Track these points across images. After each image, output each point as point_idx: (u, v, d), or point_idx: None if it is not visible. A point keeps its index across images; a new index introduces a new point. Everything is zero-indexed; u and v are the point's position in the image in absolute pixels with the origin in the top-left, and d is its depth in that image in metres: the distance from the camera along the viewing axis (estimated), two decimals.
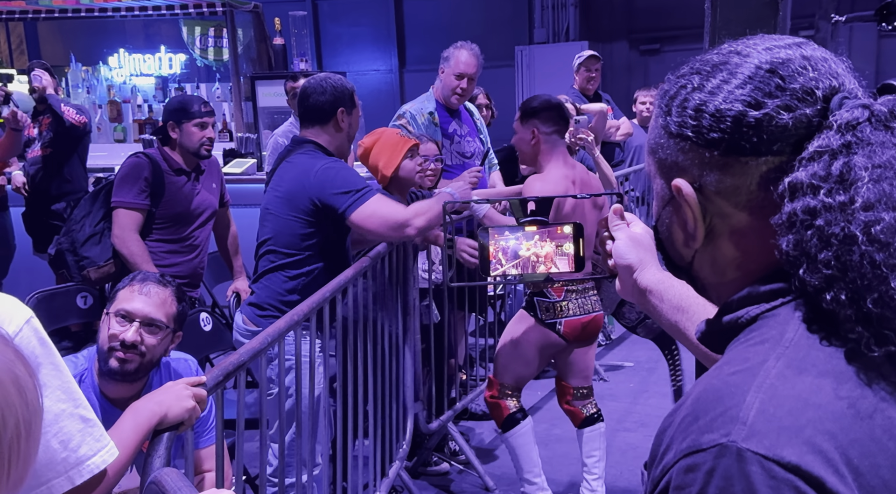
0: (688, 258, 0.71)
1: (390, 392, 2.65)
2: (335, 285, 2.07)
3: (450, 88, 3.42)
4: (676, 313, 0.95)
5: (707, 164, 0.65)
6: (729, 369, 0.60)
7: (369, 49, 9.62)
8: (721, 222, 0.66)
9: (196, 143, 2.99)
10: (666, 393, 3.85)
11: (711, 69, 0.66)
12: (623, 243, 0.99)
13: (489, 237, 1.04)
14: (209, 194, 3.16)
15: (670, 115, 0.67)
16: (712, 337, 0.68)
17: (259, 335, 1.57)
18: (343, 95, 2.37)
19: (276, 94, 5.44)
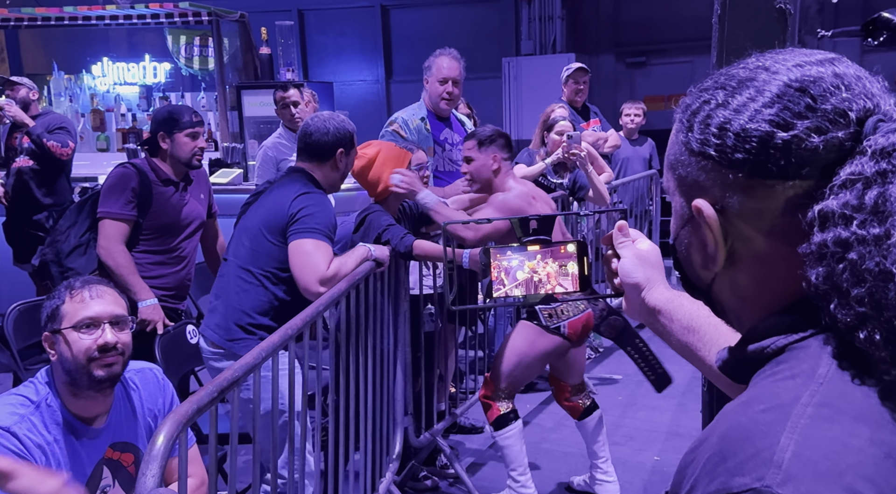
0: (707, 280, 0.68)
1: (380, 406, 2.64)
2: (328, 297, 2.06)
3: (437, 95, 3.45)
4: (687, 333, 0.92)
5: (730, 185, 0.62)
6: (758, 405, 0.57)
7: (356, 59, 9.64)
8: (743, 246, 0.63)
9: (188, 153, 2.98)
10: (655, 406, 3.87)
11: (737, 85, 0.63)
12: (629, 260, 0.96)
13: (491, 258, 1.03)
14: (197, 204, 3.15)
15: (692, 131, 0.65)
16: (735, 366, 0.65)
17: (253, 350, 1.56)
18: (344, 137, 2.46)
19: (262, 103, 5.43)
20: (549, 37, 8.13)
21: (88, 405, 1.66)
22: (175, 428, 1.22)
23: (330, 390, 2.21)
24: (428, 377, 3.13)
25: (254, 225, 2.37)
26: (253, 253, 2.35)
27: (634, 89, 8.16)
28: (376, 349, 2.53)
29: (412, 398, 2.95)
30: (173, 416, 1.24)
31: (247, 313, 2.32)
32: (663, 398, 3.95)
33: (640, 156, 5.56)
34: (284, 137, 4.11)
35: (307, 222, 2.23)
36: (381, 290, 2.61)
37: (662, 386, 2.86)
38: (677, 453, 3.36)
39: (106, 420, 1.70)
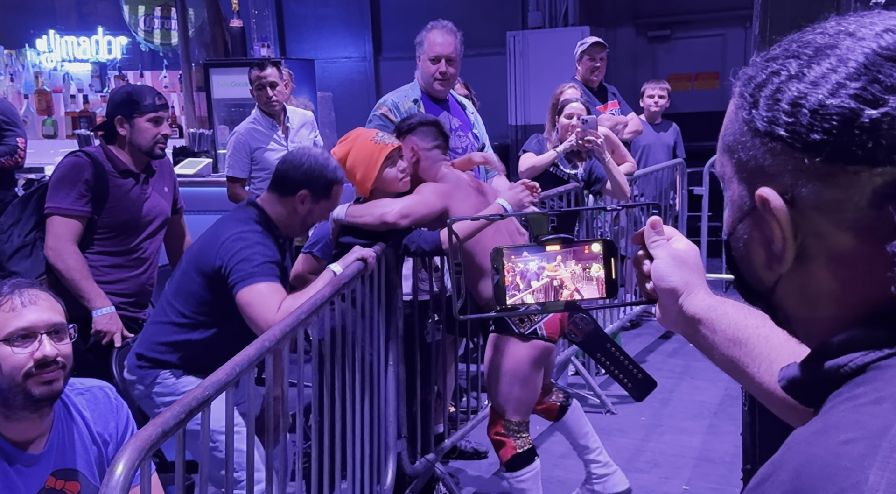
0: (769, 283, 0.66)
1: (370, 428, 2.64)
2: (310, 306, 2.06)
3: (429, 75, 3.44)
4: (732, 346, 0.89)
5: (804, 171, 0.60)
6: (838, 435, 0.54)
7: (340, 34, 9.63)
8: (817, 244, 0.61)
9: (150, 140, 2.96)
10: (683, 428, 3.87)
11: (814, 53, 0.61)
12: (664, 262, 0.94)
13: (504, 259, 1.00)
14: (161, 198, 3.14)
15: (757, 107, 0.62)
16: (804, 387, 0.63)
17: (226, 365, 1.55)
18: (316, 180, 2.45)
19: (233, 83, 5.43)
20: (559, 8, 8.13)
21: (23, 427, 1.63)
22: (137, 456, 1.20)
23: (313, 410, 2.21)
24: (424, 395, 3.12)
25: (188, 256, 2.45)
26: (178, 286, 2.42)
27: (657, 67, 8.17)
28: (365, 364, 2.52)
29: (406, 419, 2.95)
30: (134, 442, 1.23)
31: (157, 342, 2.41)
32: (692, 418, 3.96)
33: (664, 143, 5.55)
34: (260, 123, 4.10)
35: (242, 269, 2.26)
36: (370, 296, 2.61)
37: (644, 393, 3.00)
38: (708, 482, 3.35)
39: (45, 445, 1.68)
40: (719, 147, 0.68)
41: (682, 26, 8.16)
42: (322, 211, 2.50)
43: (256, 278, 2.24)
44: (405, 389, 2.91)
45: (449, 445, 3.32)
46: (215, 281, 2.33)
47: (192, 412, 1.36)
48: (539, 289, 1.01)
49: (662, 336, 5.22)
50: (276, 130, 4.10)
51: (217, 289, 2.33)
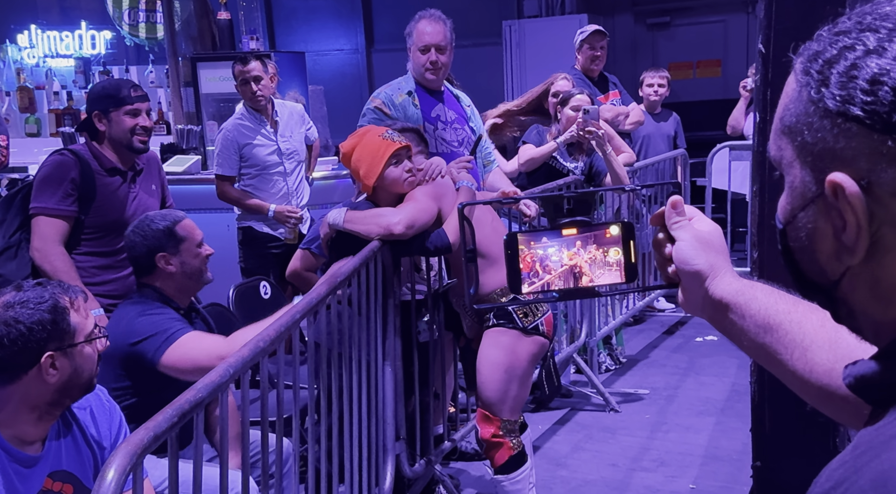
0: (834, 276, 0.64)
1: (368, 430, 2.63)
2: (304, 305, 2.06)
3: (419, 65, 3.44)
4: (764, 333, 0.87)
5: (885, 155, 0.57)
6: None
7: (331, 25, 9.61)
8: (894, 234, 0.59)
9: (127, 133, 2.95)
10: (689, 425, 3.88)
11: (895, 26, 0.58)
12: (688, 244, 0.91)
13: (520, 244, 0.98)
14: (148, 197, 3.13)
15: (827, 85, 0.59)
16: (874, 386, 0.61)
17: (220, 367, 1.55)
18: (157, 240, 2.44)
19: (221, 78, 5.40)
20: None
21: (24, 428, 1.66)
22: (128, 460, 1.20)
23: (309, 412, 2.20)
24: (422, 395, 3.12)
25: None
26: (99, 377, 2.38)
27: (657, 55, 8.16)
28: (362, 364, 2.52)
29: (405, 420, 2.95)
30: (126, 446, 1.23)
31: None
32: (698, 415, 3.97)
33: (664, 133, 5.55)
34: (247, 118, 4.09)
35: (154, 334, 2.26)
36: (367, 295, 2.60)
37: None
38: (716, 480, 3.36)
39: (44, 447, 1.70)
40: (775, 129, 0.66)
41: (682, 13, 8.15)
42: (190, 254, 2.47)
43: (175, 336, 2.23)
44: (403, 390, 2.91)
45: (449, 446, 3.32)
46: (127, 365, 2.30)
47: (184, 415, 1.36)
48: (558, 276, 0.98)
49: (666, 332, 5.23)
50: (265, 125, 4.09)
51: (131, 374, 2.31)
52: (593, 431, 3.90)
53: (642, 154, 5.36)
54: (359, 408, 2.50)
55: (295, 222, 3.98)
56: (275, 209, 3.99)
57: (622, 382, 4.50)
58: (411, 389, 3.03)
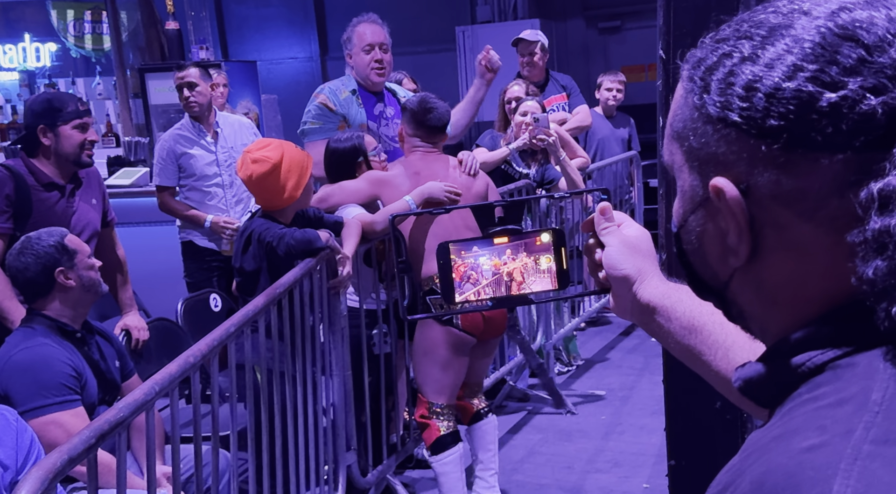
0: (723, 278, 0.64)
1: (316, 442, 2.61)
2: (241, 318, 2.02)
3: (365, 66, 3.45)
4: (688, 334, 0.88)
5: (761, 159, 0.58)
6: (800, 441, 0.52)
7: (284, 34, 9.55)
8: (775, 235, 0.59)
9: (77, 148, 2.92)
10: (643, 425, 3.90)
11: (768, 33, 0.59)
12: (616, 249, 0.92)
13: (451, 255, 0.98)
14: (89, 210, 3.08)
15: (708, 92, 0.60)
16: (760, 388, 0.61)
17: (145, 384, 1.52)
18: (51, 256, 2.34)
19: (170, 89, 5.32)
20: (508, 1, 8.16)
21: None
22: (39, 485, 1.17)
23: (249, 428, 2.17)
24: (375, 404, 3.10)
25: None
26: None
27: (609, 59, 8.24)
28: (307, 376, 2.49)
29: (355, 430, 2.92)
30: (37, 470, 1.19)
31: None
32: (651, 415, 3.99)
33: (619, 137, 5.59)
34: (187, 128, 4.02)
35: (28, 401, 2.11)
36: (311, 305, 2.58)
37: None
38: None
39: None
40: (667, 134, 0.66)
41: (632, 16, 8.24)
42: (84, 266, 2.39)
43: (51, 410, 2.10)
44: (353, 400, 2.89)
45: (403, 455, 3.30)
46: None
47: (103, 437, 1.32)
48: (489, 284, 0.99)
49: (623, 333, 5.27)
50: (204, 135, 4.03)
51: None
52: (549, 434, 3.91)
53: (598, 157, 5.39)
54: (304, 421, 2.47)
55: (231, 234, 3.91)
56: (211, 220, 3.92)
57: (579, 384, 4.52)
58: (362, 399, 3.01)
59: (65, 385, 2.16)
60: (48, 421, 2.08)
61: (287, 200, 2.72)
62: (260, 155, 2.68)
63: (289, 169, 2.69)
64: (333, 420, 2.74)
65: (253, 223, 2.73)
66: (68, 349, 2.26)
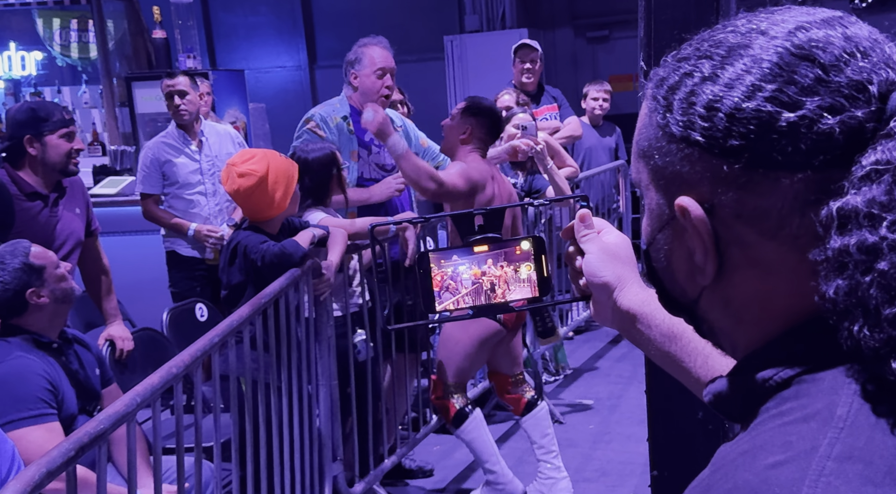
0: (692, 295, 0.65)
1: (302, 452, 2.59)
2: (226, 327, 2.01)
3: (375, 91, 3.39)
4: (668, 341, 0.89)
5: (723, 179, 0.58)
6: (766, 457, 0.53)
7: (272, 42, 9.55)
8: (741, 254, 0.60)
9: (63, 157, 2.92)
10: (630, 434, 3.90)
11: (727, 53, 0.59)
12: (595, 256, 0.92)
13: (430, 264, 0.98)
14: (73, 220, 3.06)
15: (671, 111, 0.61)
16: (729, 402, 0.61)
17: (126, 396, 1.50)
18: (19, 279, 2.28)
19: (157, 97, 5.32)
20: (496, 10, 8.20)
21: None
22: None
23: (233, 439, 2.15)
24: (362, 414, 3.09)
25: None
26: None
27: (597, 68, 8.28)
28: (293, 386, 2.48)
29: (342, 440, 2.91)
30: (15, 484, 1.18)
31: None
32: (639, 425, 3.99)
33: (606, 146, 5.61)
34: (172, 136, 4.01)
35: (8, 415, 2.10)
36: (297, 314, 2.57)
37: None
38: None
39: None
40: (634, 152, 0.67)
41: (620, 26, 8.29)
42: (53, 278, 2.33)
43: (28, 423, 2.07)
44: (339, 410, 2.88)
45: (390, 465, 3.29)
46: None
47: (83, 449, 1.31)
48: (469, 293, 0.99)
49: (611, 342, 5.27)
50: (189, 143, 4.02)
51: None
52: None
53: (585, 166, 5.41)
54: (290, 431, 2.46)
55: (214, 242, 3.89)
56: (195, 228, 3.90)
57: (567, 393, 4.52)
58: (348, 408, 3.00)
59: (40, 399, 2.12)
60: (20, 435, 2.05)
61: (275, 210, 2.71)
62: (246, 169, 2.67)
63: (275, 180, 2.68)
64: (319, 431, 2.73)
65: (239, 235, 2.72)
66: (45, 360, 2.22)
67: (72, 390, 2.22)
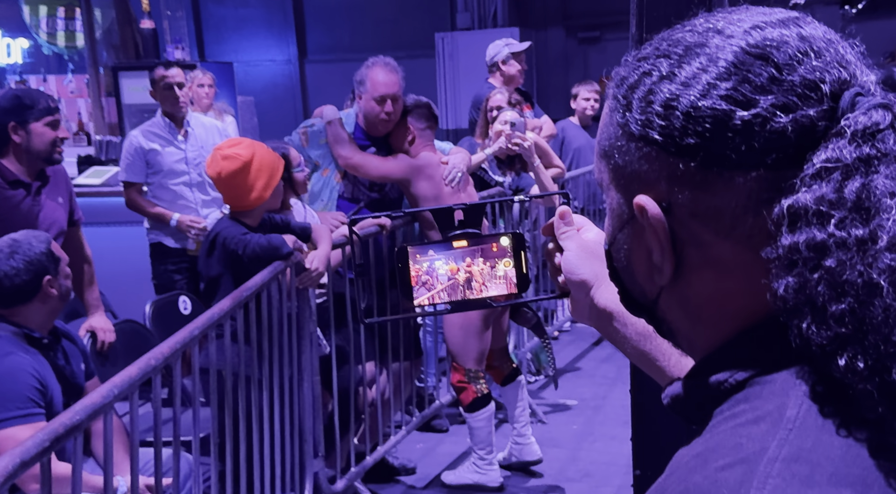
0: (651, 295, 0.65)
1: (283, 447, 2.58)
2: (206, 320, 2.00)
3: (374, 116, 3.40)
4: (643, 340, 0.89)
5: (680, 178, 0.59)
6: (717, 460, 0.53)
7: (262, 35, 9.51)
8: (697, 253, 0.60)
9: (49, 145, 2.90)
10: (615, 435, 3.91)
11: (684, 52, 0.60)
12: (574, 254, 0.92)
13: (409, 258, 0.98)
14: (55, 210, 3.04)
15: (630, 110, 0.61)
16: (686, 405, 0.62)
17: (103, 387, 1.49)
18: (42, 263, 2.27)
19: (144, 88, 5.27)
20: (488, 8, 8.20)
21: None
22: None
23: (212, 433, 2.14)
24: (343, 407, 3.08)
25: None
26: None
27: (588, 69, 8.29)
28: (273, 380, 2.47)
29: (323, 436, 2.90)
30: None
31: None
32: (623, 426, 3.99)
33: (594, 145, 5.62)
34: (159, 125, 3.99)
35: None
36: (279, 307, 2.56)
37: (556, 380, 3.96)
38: None
39: None
40: (596, 152, 0.67)
41: (611, 27, 8.31)
42: (63, 274, 2.33)
43: (13, 423, 2.04)
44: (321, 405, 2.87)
45: (372, 462, 3.28)
46: None
47: (58, 440, 1.29)
48: (445, 288, 0.99)
49: (595, 343, 5.28)
50: (175, 132, 4.00)
51: None
52: None
53: (574, 166, 5.41)
54: (270, 427, 2.44)
55: (197, 233, 3.86)
56: (178, 219, 3.88)
57: (549, 393, 4.52)
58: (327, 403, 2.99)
59: (29, 398, 2.09)
60: (8, 435, 2.02)
61: (255, 200, 2.69)
62: (231, 152, 2.66)
63: (259, 168, 2.67)
64: (300, 426, 2.72)
65: (219, 226, 2.70)
66: (36, 358, 2.19)
67: (58, 386, 2.20)
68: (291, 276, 2.61)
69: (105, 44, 6.16)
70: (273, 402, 2.46)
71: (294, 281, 2.65)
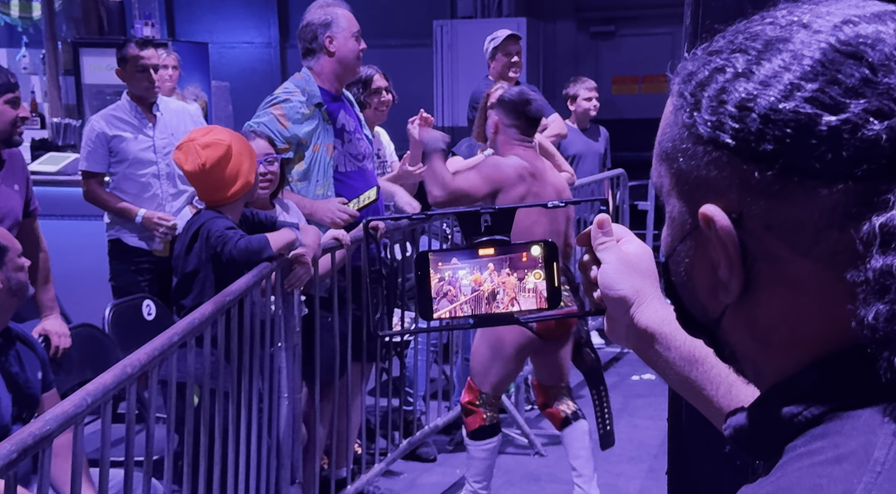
0: (714, 314, 0.64)
1: (258, 472, 2.57)
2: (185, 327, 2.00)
3: (353, 55, 3.28)
4: (688, 366, 0.89)
5: (754, 186, 0.58)
6: None
7: (240, 15, 9.51)
8: (771, 270, 0.60)
9: (9, 126, 2.90)
10: (620, 472, 3.92)
11: (763, 47, 0.59)
12: (612, 267, 0.91)
13: (430, 266, 0.97)
14: (11, 197, 3.03)
15: (699, 110, 0.60)
16: (753, 438, 0.61)
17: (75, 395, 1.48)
18: None
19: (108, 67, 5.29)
20: None
21: None
22: None
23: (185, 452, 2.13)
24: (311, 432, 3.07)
25: None
26: None
27: (600, 66, 8.35)
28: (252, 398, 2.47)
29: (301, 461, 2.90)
30: None
31: None
32: (630, 461, 4.02)
33: (595, 151, 5.59)
34: (124, 109, 3.96)
35: None
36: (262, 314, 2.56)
37: (605, 446, 3.51)
38: None
39: None
40: (655, 154, 0.66)
41: (627, 22, 8.37)
42: (13, 266, 2.26)
43: None
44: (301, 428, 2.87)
45: (353, 491, 3.27)
46: None
47: (26, 452, 1.28)
48: (469, 301, 0.98)
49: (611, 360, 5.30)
50: (143, 118, 3.97)
51: None
52: (515, 477, 3.90)
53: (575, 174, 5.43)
54: (247, 448, 2.44)
55: (165, 232, 3.82)
56: (144, 215, 3.83)
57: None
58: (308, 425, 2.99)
59: None
60: None
61: (242, 187, 2.67)
62: (210, 139, 2.65)
63: (240, 152, 2.69)
64: (278, 449, 2.71)
65: (202, 217, 2.68)
66: None
67: (8, 395, 2.16)
68: (277, 279, 2.61)
69: (65, 16, 6.15)
70: (251, 421, 2.45)
71: (280, 285, 2.65)
